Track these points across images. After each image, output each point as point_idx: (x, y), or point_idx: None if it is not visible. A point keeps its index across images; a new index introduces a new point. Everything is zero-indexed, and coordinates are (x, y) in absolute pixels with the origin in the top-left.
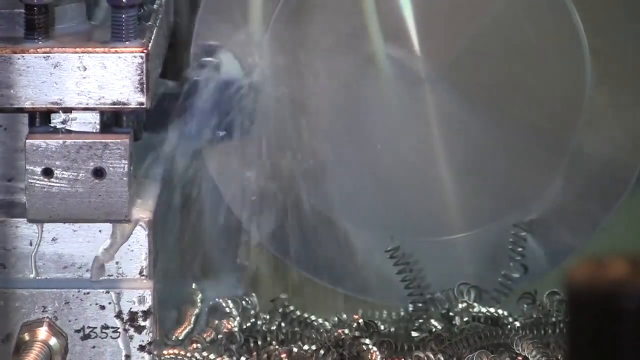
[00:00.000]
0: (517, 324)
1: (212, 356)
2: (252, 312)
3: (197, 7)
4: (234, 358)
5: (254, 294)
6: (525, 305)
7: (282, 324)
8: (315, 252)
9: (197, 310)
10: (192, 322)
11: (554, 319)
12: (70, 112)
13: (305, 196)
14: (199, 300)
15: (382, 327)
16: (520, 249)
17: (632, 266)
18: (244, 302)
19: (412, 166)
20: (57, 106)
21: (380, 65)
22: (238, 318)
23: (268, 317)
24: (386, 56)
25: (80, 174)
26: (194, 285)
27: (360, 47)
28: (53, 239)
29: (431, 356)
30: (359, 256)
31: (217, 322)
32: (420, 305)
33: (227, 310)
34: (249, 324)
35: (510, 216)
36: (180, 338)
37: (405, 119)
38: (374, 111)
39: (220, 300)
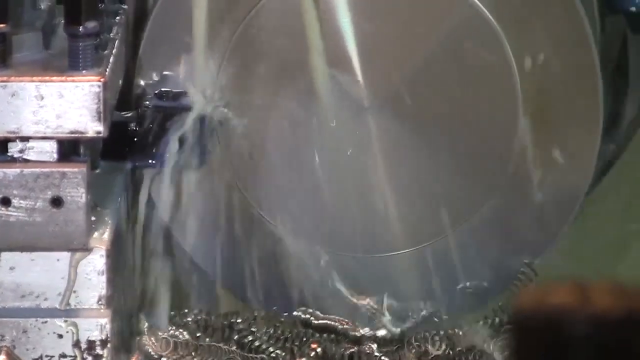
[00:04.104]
0: None
1: None
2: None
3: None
4: None
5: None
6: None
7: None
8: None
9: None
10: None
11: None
12: (28, 141)
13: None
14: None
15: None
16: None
17: (580, 292)
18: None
19: (355, 188)
20: (14, 135)
21: (324, 92)
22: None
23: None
24: (330, 84)
25: (38, 203)
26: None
27: (304, 74)
28: (11, 268)
29: None
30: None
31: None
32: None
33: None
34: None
35: (450, 235)
36: None
37: (349, 143)
38: (317, 137)
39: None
